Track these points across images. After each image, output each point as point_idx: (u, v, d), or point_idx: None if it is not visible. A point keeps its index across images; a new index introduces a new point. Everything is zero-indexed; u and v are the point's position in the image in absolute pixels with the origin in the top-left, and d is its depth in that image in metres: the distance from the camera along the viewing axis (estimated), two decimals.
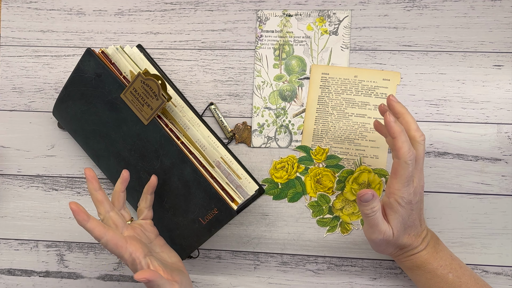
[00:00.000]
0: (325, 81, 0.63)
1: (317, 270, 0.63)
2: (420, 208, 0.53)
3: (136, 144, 0.57)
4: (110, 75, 0.57)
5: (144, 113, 0.56)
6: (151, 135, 0.56)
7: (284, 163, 0.63)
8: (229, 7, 0.65)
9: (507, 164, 0.61)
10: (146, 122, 0.56)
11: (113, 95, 0.57)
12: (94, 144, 0.61)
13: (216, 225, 0.56)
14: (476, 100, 0.62)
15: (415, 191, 0.51)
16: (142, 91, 0.55)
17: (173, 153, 0.56)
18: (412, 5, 0.63)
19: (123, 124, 0.57)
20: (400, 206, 0.50)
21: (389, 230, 0.51)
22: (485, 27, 0.62)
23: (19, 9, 0.67)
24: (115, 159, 0.59)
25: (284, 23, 0.63)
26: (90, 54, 0.58)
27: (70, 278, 0.65)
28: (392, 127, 0.49)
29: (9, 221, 0.66)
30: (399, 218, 0.51)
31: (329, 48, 0.63)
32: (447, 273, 0.53)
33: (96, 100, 0.58)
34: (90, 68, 0.58)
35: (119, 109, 0.57)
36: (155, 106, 0.55)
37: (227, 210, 0.55)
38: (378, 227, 0.51)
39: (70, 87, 0.60)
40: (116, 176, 0.60)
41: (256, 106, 0.63)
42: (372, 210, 0.50)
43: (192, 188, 0.55)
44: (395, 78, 0.62)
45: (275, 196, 0.63)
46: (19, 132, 0.66)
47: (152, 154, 0.57)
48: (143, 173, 0.58)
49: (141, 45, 0.62)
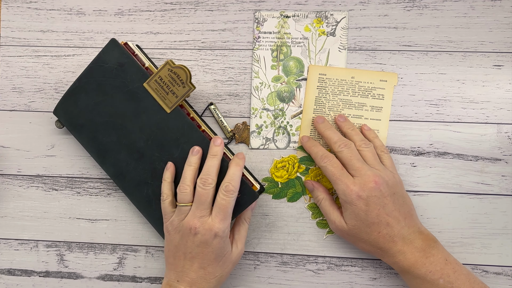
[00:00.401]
0: (322, 82, 0.62)
1: (317, 270, 0.63)
2: (385, 205, 0.53)
3: (154, 133, 0.58)
4: (134, 64, 0.58)
5: (168, 101, 0.57)
6: (173, 123, 0.58)
7: (285, 163, 0.63)
8: (229, 7, 0.65)
9: (507, 164, 0.61)
10: (169, 110, 0.58)
11: (135, 85, 0.58)
12: (104, 137, 0.61)
13: (237, 209, 0.57)
14: (476, 100, 0.62)
15: (361, 187, 0.53)
16: (169, 79, 0.56)
17: (196, 139, 0.57)
18: (412, 5, 0.63)
19: (142, 114, 0.59)
20: (347, 203, 0.54)
21: (339, 220, 0.57)
22: (485, 27, 0.62)
23: (19, 9, 0.67)
24: (126, 152, 0.60)
25: (282, 24, 0.63)
26: (115, 44, 0.59)
27: (70, 278, 0.65)
28: (307, 149, 0.61)
29: (9, 221, 0.66)
30: (352, 213, 0.54)
31: (326, 49, 0.63)
32: (437, 279, 0.53)
33: (115, 90, 0.59)
34: (113, 57, 0.59)
35: (140, 98, 0.58)
36: (180, 94, 0.57)
37: (250, 192, 0.57)
38: (327, 215, 0.59)
39: (85, 78, 0.60)
40: (124, 170, 0.60)
41: (254, 108, 0.63)
42: (317, 198, 0.60)
43: None
44: (392, 79, 0.62)
45: (275, 195, 0.63)
46: (19, 132, 0.66)
47: (172, 143, 0.58)
48: (159, 163, 0.59)
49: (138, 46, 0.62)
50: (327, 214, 0.59)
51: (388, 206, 0.53)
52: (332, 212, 0.58)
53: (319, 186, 0.61)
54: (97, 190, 0.65)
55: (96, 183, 0.65)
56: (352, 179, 0.54)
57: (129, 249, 0.65)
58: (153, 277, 0.64)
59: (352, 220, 0.55)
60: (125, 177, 0.61)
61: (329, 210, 0.58)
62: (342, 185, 0.54)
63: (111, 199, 0.65)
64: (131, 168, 0.60)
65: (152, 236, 0.65)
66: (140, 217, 0.65)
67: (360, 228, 0.54)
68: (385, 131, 0.62)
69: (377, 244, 0.54)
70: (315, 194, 0.60)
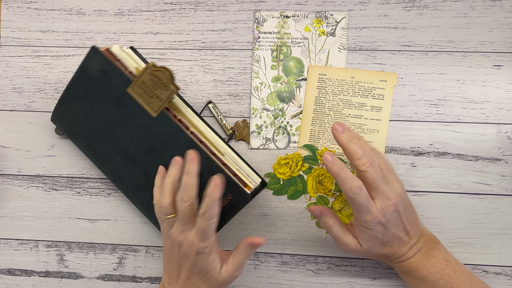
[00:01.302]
0: (322, 82, 0.62)
1: (317, 270, 0.63)
2: (400, 222, 0.52)
3: (144, 138, 0.58)
4: (116, 70, 0.57)
5: (152, 105, 0.56)
6: (160, 127, 0.57)
7: (288, 160, 0.63)
8: (229, 7, 0.65)
9: (507, 164, 0.61)
10: (155, 114, 0.56)
11: (119, 91, 0.57)
12: (98, 144, 0.61)
13: (231, 211, 0.57)
14: (476, 100, 0.62)
15: (383, 212, 0.50)
16: (151, 83, 0.55)
17: (183, 142, 0.56)
18: (412, 5, 0.63)
19: (130, 119, 0.58)
20: (366, 229, 0.51)
21: (354, 243, 0.54)
22: (485, 27, 0.62)
23: (19, 9, 0.67)
24: (120, 157, 0.59)
25: (282, 24, 0.63)
26: (95, 51, 0.58)
27: (70, 278, 0.65)
28: (329, 169, 0.50)
29: (9, 221, 0.66)
30: (368, 236, 0.52)
31: (326, 49, 0.63)
32: (437, 280, 0.53)
33: (101, 98, 0.58)
34: (95, 65, 0.58)
35: (125, 104, 0.57)
36: (164, 97, 0.55)
37: (242, 194, 0.55)
38: (339, 239, 0.55)
39: (73, 87, 0.60)
40: (121, 175, 0.60)
41: (254, 108, 0.63)
42: (325, 225, 0.55)
43: (205, 176, 0.55)
44: (392, 79, 0.62)
45: (275, 191, 0.63)
46: (19, 132, 0.66)
47: (161, 147, 0.57)
48: (151, 167, 0.58)
49: (133, 47, 0.62)
50: (338, 239, 0.55)
51: (403, 223, 0.53)
52: (344, 236, 0.54)
53: (327, 212, 0.55)
54: (97, 190, 0.65)
55: (96, 183, 0.65)
56: (375, 206, 0.51)
57: (129, 249, 0.65)
58: (153, 277, 0.64)
59: (368, 242, 0.53)
60: (122, 181, 0.61)
61: (341, 235, 0.54)
62: (368, 215, 0.50)
63: (111, 199, 0.65)
64: (126, 173, 0.60)
65: (152, 236, 0.65)
66: (140, 217, 0.65)
67: (374, 247, 0.53)
68: (385, 131, 0.62)
69: (385, 254, 0.54)
70: (324, 220, 0.55)
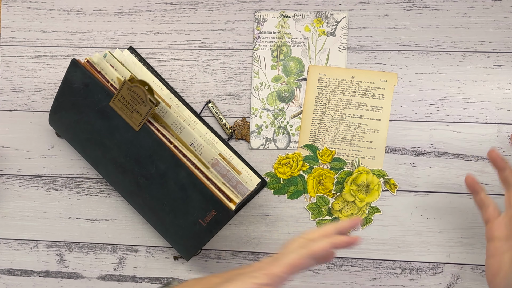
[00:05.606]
0: (322, 82, 0.62)
1: (317, 270, 0.63)
2: None
3: (130, 150, 0.57)
4: (97, 84, 0.57)
5: (134, 119, 0.56)
6: (143, 140, 0.56)
7: (289, 159, 0.63)
8: (229, 7, 0.65)
9: None
10: (137, 129, 0.56)
11: (102, 104, 0.57)
12: (91, 151, 0.61)
13: (216, 226, 0.57)
14: (476, 100, 0.62)
15: None
16: (130, 98, 0.55)
17: (166, 157, 0.56)
18: (412, 5, 0.63)
19: (115, 132, 0.58)
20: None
21: None
22: (485, 27, 0.62)
23: (19, 9, 0.67)
24: (112, 165, 0.60)
25: (282, 24, 0.63)
26: (75, 65, 0.58)
27: (70, 278, 0.65)
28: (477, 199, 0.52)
29: (9, 221, 0.66)
30: None
31: (326, 49, 0.63)
32: None
33: (87, 109, 0.58)
34: (77, 78, 0.58)
35: (110, 117, 0.57)
36: (144, 112, 0.55)
37: (225, 211, 0.55)
38: None
39: (61, 98, 0.60)
40: (115, 181, 0.61)
41: (254, 108, 0.63)
42: None
43: (189, 191, 0.56)
44: (392, 79, 0.62)
45: (276, 191, 0.63)
46: (19, 132, 0.66)
47: (147, 160, 0.57)
48: (141, 178, 0.58)
49: (132, 47, 0.62)
50: None
51: None
52: None
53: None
54: (97, 190, 0.65)
55: (96, 183, 0.65)
56: None
57: (129, 249, 0.65)
58: (153, 277, 0.64)
59: None
60: (118, 186, 0.62)
61: None
62: None
63: (111, 199, 0.65)
64: (120, 179, 0.60)
65: (152, 236, 0.65)
66: (140, 217, 0.65)
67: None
68: (385, 131, 0.62)
69: None
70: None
